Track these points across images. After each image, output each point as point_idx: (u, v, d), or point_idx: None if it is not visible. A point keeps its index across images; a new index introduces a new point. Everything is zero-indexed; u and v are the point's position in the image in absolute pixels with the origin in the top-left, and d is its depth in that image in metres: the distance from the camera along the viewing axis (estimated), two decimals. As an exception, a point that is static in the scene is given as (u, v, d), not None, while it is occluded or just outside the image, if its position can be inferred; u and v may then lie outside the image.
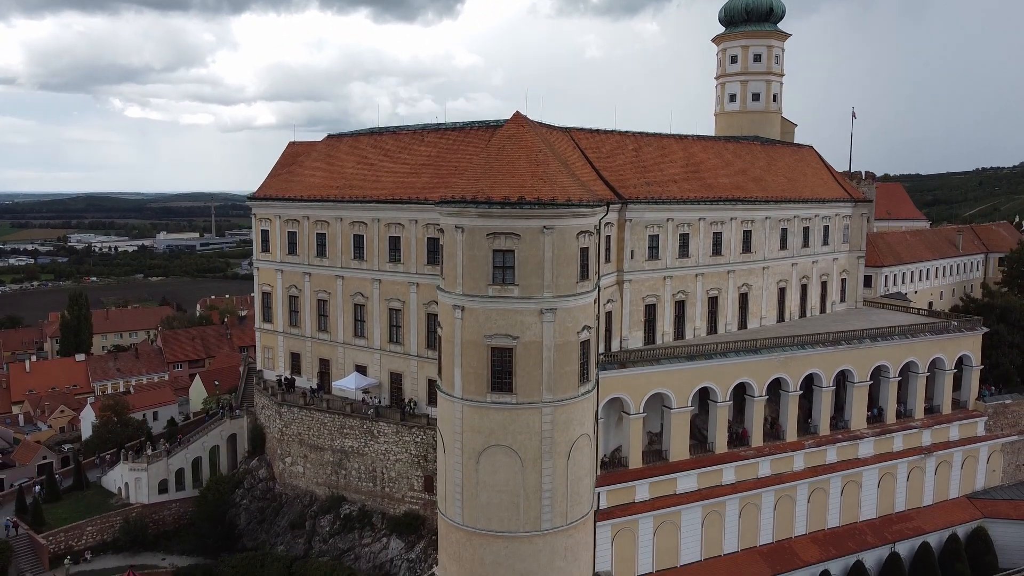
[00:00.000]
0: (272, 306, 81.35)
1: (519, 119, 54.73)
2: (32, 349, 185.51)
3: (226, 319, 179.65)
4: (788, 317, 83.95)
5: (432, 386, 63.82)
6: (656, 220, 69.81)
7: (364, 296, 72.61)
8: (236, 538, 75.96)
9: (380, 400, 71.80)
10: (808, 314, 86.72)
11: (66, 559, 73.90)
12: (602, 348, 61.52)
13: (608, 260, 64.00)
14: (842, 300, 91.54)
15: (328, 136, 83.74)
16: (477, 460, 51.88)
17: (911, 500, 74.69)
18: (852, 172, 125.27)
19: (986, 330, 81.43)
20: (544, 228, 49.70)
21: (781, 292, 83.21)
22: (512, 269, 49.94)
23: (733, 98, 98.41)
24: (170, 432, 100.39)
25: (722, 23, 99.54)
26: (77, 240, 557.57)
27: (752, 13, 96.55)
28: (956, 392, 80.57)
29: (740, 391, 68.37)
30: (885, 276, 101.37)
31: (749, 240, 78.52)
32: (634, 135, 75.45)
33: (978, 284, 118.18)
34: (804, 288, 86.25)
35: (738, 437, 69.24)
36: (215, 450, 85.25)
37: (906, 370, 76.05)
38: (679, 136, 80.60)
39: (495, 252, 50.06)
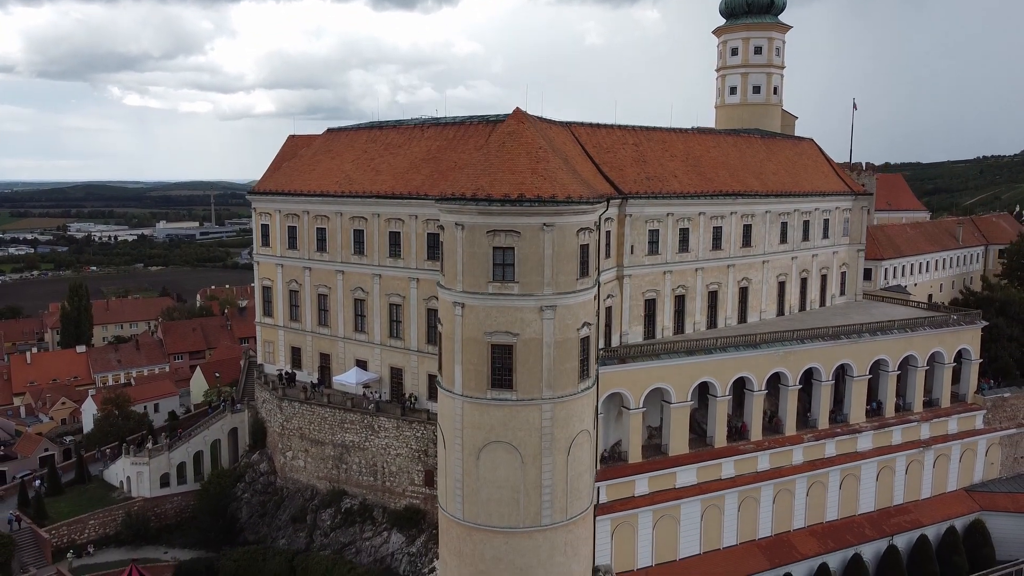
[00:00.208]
0: (272, 300, 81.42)
1: (519, 116, 54.63)
2: (33, 340, 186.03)
3: (226, 310, 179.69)
4: (788, 311, 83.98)
5: (432, 381, 64.04)
6: (656, 215, 69.76)
7: (364, 291, 72.69)
8: (238, 532, 76.37)
9: (380, 395, 71.99)
10: (808, 307, 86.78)
11: (69, 553, 74.33)
12: (602, 343, 61.64)
13: (608, 255, 63.99)
14: (842, 293, 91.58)
15: (328, 130, 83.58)
16: (477, 456, 52.11)
17: (909, 493, 75.14)
18: (852, 163, 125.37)
19: (985, 324, 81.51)
20: (544, 226, 49.73)
21: (781, 286, 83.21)
22: (512, 266, 49.98)
23: (734, 90, 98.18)
24: (171, 425, 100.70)
25: (723, 15, 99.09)
26: (77, 229, 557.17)
27: (753, 5, 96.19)
28: (955, 385, 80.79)
29: (739, 385, 68.59)
30: (885, 269, 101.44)
31: (749, 234, 78.46)
32: (634, 129, 75.28)
33: (978, 276, 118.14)
34: (804, 282, 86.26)
35: (737, 431, 69.54)
36: (216, 444, 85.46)
37: (905, 364, 76.24)
38: (679, 130, 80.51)
39: (495, 249, 50.11)
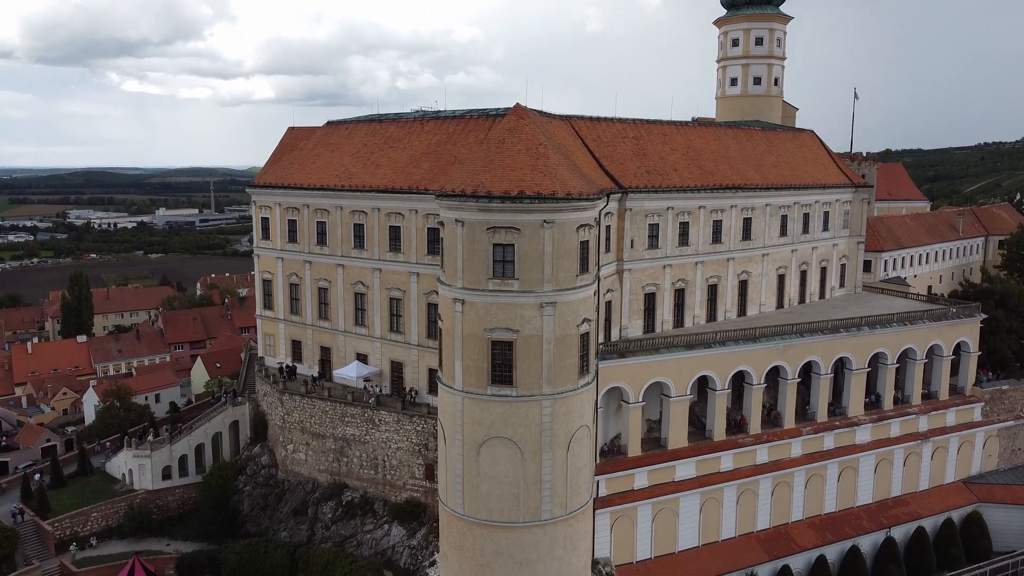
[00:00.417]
0: (273, 293, 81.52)
1: (519, 111, 54.49)
2: (34, 329, 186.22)
3: (227, 299, 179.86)
4: (787, 304, 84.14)
5: (433, 375, 64.23)
6: (656, 209, 69.75)
7: (365, 285, 72.76)
8: (239, 524, 76.83)
9: (381, 389, 72.24)
10: (807, 300, 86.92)
11: (72, 545, 74.82)
12: (602, 337, 61.76)
13: (608, 249, 64.04)
14: (841, 286, 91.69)
15: (328, 123, 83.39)
16: (478, 452, 52.38)
17: (907, 485, 75.50)
18: (853, 153, 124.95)
19: (984, 316, 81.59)
20: (544, 222, 49.72)
21: (780, 279, 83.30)
22: (512, 263, 50.00)
23: (734, 82, 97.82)
24: (173, 417, 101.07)
25: (724, 5, 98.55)
26: (76, 216, 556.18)
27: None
28: (953, 378, 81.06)
29: (739, 379, 68.81)
30: (884, 261, 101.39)
31: (749, 227, 78.48)
32: (635, 122, 75.14)
33: (978, 267, 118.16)
34: (803, 274, 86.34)
35: (736, 424, 69.81)
36: (218, 437, 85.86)
37: (904, 356, 76.41)
38: (679, 123, 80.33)
39: (495, 246, 50.11)
